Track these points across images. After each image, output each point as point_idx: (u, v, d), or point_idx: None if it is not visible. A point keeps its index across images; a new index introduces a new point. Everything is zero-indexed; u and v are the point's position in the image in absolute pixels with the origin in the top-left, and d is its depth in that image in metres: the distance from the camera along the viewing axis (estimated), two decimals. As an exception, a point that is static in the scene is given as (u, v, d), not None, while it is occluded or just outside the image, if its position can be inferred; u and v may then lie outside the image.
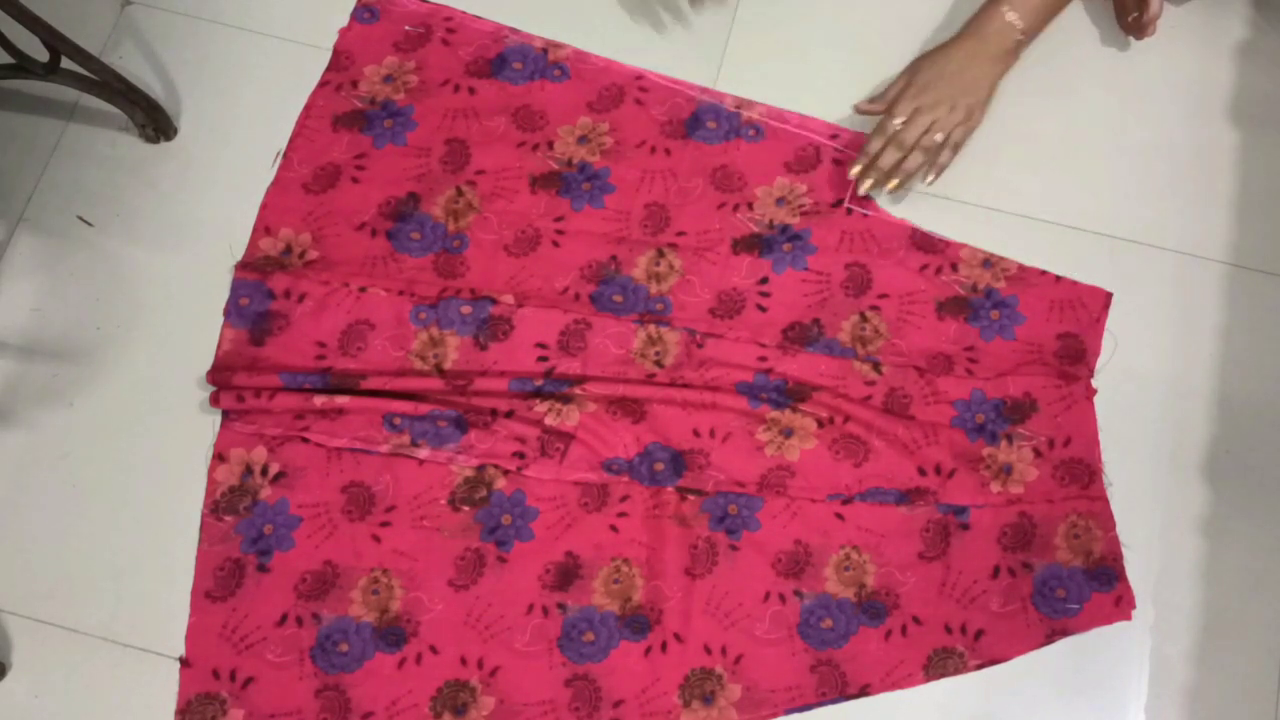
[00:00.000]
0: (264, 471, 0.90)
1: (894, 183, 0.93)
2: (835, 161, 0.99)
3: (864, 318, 0.95)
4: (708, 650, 0.87)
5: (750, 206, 0.98)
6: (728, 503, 0.90)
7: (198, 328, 0.93)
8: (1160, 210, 0.99)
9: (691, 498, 0.90)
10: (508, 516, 0.89)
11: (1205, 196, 1.00)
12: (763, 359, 0.92)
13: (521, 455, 0.90)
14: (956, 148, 0.93)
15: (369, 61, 1.02)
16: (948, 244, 0.97)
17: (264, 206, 0.97)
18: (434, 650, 0.86)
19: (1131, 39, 1.02)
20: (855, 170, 0.94)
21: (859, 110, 0.97)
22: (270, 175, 0.98)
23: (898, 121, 0.92)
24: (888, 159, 0.92)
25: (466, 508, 0.89)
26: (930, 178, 0.94)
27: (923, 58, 0.95)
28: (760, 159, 1.00)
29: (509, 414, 0.91)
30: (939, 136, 0.92)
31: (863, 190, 0.94)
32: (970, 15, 0.95)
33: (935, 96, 0.92)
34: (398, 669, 0.86)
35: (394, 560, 0.88)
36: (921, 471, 0.91)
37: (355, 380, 0.90)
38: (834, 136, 1.00)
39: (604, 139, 1.00)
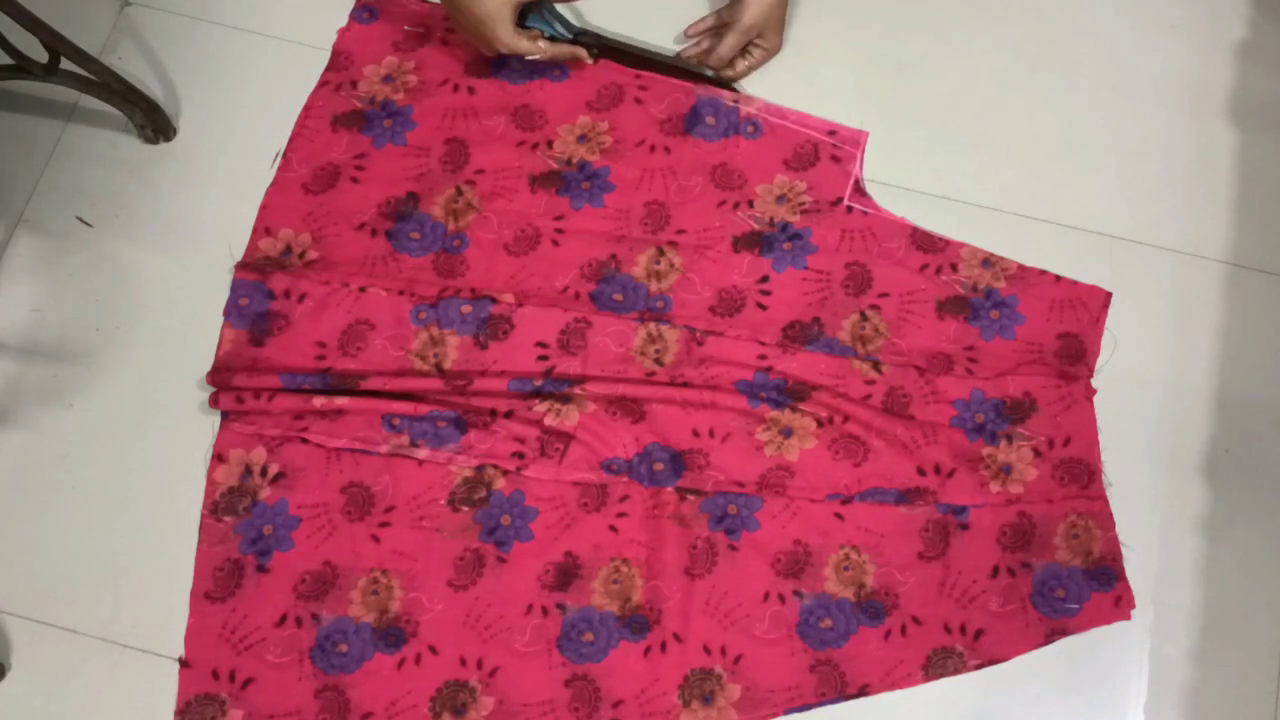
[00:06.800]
0: (263, 472, 0.90)
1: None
2: (834, 159, 0.99)
3: (864, 317, 0.95)
4: (707, 650, 0.87)
5: (751, 204, 0.98)
6: (727, 503, 0.90)
7: (198, 328, 0.93)
8: (1159, 210, 0.99)
9: (691, 498, 0.90)
10: (507, 517, 0.89)
11: (1204, 196, 1.00)
12: (763, 357, 0.92)
13: (521, 455, 0.90)
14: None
15: (368, 61, 1.02)
16: (948, 243, 0.97)
17: (264, 207, 0.97)
18: (433, 651, 0.86)
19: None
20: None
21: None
22: (270, 175, 0.98)
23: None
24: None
25: (466, 508, 0.89)
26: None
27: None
28: (760, 156, 1.00)
29: (508, 414, 0.90)
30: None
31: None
32: None
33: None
34: (397, 669, 0.86)
35: (393, 561, 0.88)
36: (921, 471, 0.90)
37: (355, 380, 0.90)
38: (831, 133, 1.00)
39: (603, 138, 1.00)
